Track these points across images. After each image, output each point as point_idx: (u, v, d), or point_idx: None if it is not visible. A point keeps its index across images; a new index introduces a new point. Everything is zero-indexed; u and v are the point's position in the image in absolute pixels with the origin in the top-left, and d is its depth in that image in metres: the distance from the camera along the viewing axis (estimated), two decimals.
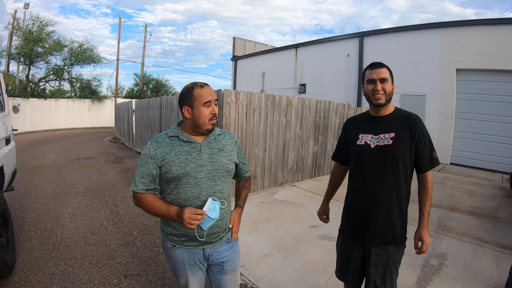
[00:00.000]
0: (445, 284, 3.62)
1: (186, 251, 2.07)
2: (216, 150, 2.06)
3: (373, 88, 2.20)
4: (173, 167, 1.93)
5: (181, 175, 1.93)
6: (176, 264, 2.11)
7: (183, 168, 1.93)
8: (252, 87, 19.86)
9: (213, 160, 2.02)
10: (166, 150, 1.96)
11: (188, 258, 2.08)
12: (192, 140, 2.01)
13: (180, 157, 1.95)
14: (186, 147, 1.99)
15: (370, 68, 2.25)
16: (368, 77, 2.23)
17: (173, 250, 2.08)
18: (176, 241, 2.07)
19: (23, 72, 25.63)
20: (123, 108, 16.65)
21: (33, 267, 3.79)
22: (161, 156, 1.95)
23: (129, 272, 3.80)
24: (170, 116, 9.32)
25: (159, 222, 5.40)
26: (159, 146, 1.98)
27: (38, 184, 7.64)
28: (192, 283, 2.15)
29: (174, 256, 2.09)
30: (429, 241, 2.22)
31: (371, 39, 14.25)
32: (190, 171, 1.94)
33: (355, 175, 2.35)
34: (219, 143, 2.10)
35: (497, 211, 6.35)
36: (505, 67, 10.40)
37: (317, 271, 3.86)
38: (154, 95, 31.70)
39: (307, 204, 6.43)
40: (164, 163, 1.95)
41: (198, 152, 1.99)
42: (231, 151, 2.14)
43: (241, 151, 2.28)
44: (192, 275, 2.13)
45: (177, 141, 2.01)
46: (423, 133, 2.19)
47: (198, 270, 2.14)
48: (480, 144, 11.19)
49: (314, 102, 8.62)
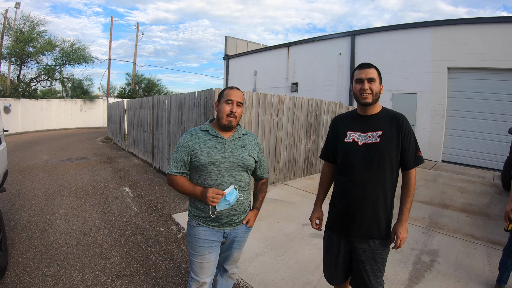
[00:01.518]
0: (437, 280, 3.64)
1: (208, 229, 2.39)
2: (239, 146, 2.39)
3: (360, 87, 2.26)
4: (201, 156, 2.29)
5: (208, 164, 2.28)
6: (197, 241, 2.40)
7: (210, 158, 2.28)
8: (244, 86, 19.84)
9: (235, 154, 2.35)
10: (197, 142, 2.34)
11: (209, 235, 2.39)
12: (219, 136, 2.37)
13: (208, 149, 2.31)
14: (213, 141, 2.35)
15: (359, 68, 2.32)
16: (357, 77, 2.30)
17: (197, 227, 2.40)
18: (201, 221, 2.39)
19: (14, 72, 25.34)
20: (115, 108, 16.55)
21: (25, 269, 3.76)
22: (192, 146, 2.33)
23: (122, 272, 3.78)
24: (162, 115, 9.28)
25: (151, 222, 5.42)
26: (192, 137, 2.37)
27: (30, 185, 7.56)
28: (206, 263, 2.43)
29: (197, 234, 2.40)
30: (405, 236, 2.26)
31: (363, 37, 14.31)
32: (215, 161, 2.28)
33: (342, 172, 2.37)
34: (243, 141, 2.44)
35: (488, 208, 6.41)
36: (496, 66, 10.51)
37: (309, 269, 3.87)
38: (146, 95, 31.55)
39: (299, 202, 6.44)
40: (194, 153, 2.32)
41: (223, 146, 2.33)
42: (252, 150, 2.46)
43: (261, 152, 2.60)
44: (209, 254, 2.42)
45: (207, 135, 2.38)
46: (409, 132, 2.25)
47: (214, 250, 2.44)
48: (472, 141, 11.29)
49: (306, 101, 8.63)
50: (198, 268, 2.44)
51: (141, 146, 11.65)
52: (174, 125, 8.40)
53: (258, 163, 2.56)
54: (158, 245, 4.54)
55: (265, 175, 2.68)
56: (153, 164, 10.27)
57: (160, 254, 4.27)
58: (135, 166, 10.50)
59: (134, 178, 8.69)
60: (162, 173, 9.27)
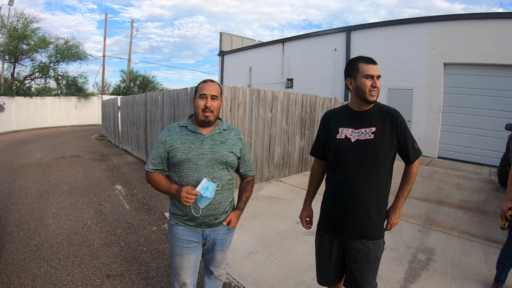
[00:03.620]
0: (433, 279, 3.59)
1: (186, 229, 2.34)
2: (218, 142, 2.31)
3: (371, 84, 2.14)
4: (178, 153, 2.23)
5: (184, 160, 2.22)
6: (176, 241, 2.37)
7: (186, 154, 2.22)
8: (239, 82, 19.79)
9: (214, 150, 2.27)
10: (174, 138, 2.28)
11: (187, 235, 2.34)
12: (198, 131, 2.29)
13: (185, 145, 2.25)
14: (191, 137, 2.28)
15: (367, 62, 2.19)
16: (367, 72, 2.16)
17: (176, 226, 2.37)
18: (179, 220, 2.34)
19: (8, 70, 25.10)
20: (109, 105, 16.45)
21: (15, 269, 3.71)
22: (169, 142, 2.28)
23: (112, 272, 3.72)
24: (155, 112, 9.20)
25: (143, 221, 5.36)
26: (169, 133, 2.32)
27: (23, 184, 7.50)
28: (186, 263, 2.38)
29: (176, 233, 2.36)
30: (396, 222, 2.28)
31: (359, 33, 14.25)
32: (192, 158, 2.22)
33: (334, 170, 2.29)
34: (223, 137, 2.35)
35: (485, 205, 6.38)
36: (492, 61, 10.47)
37: (303, 268, 3.81)
38: (141, 92, 31.43)
39: (294, 199, 6.39)
40: (171, 149, 2.27)
41: (201, 142, 2.26)
42: (234, 145, 2.37)
43: (246, 148, 2.50)
44: (187, 254, 2.36)
45: (185, 130, 2.31)
46: (404, 127, 2.19)
47: (194, 251, 2.38)
48: (468, 137, 11.26)
49: (300, 97, 8.56)
50: (178, 268, 2.41)
51: (135, 143, 11.58)
52: (167, 121, 8.32)
53: (241, 160, 2.47)
54: (150, 244, 4.49)
55: (250, 173, 2.60)
56: (146, 162, 10.12)
57: (151, 253, 4.22)
58: (129, 164, 10.44)
59: (127, 176, 8.63)
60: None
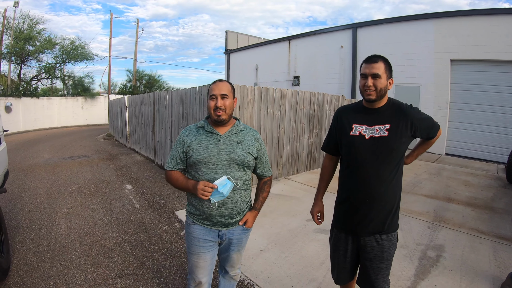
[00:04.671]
0: (443, 276, 3.61)
1: (203, 228, 2.38)
2: (235, 142, 2.34)
3: (364, 83, 2.16)
4: (195, 153, 2.29)
5: (201, 160, 2.28)
6: (192, 240, 2.41)
7: (203, 155, 2.27)
8: (245, 81, 19.82)
9: (230, 150, 2.30)
10: (192, 139, 2.35)
11: (204, 234, 2.38)
12: (214, 132, 2.34)
13: (202, 145, 2.31)
14: (208, 137, 2.33)
15: (366, 61, 2.20)
16: (362, 71, 2.18)
17: (192, 226, 2.42)
18: (196, 219, 2.40)
19: (15, 71, 25.28)
20: (116, 105, 16.52)
21: (28, 270, 3.75)
22: (187, 142, 2.35)
23: (125, 271, 3.77)
24: (163, 111, 9.25)
25: (153, 220, 5.40)
26: (187, 134, 2.40)
27: (32, 184, 7.57)
28: (202, 262, 2.42)
29: (192, 232, 2.41)
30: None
31: (365, 30, 14.21)
32: (208, 158, 2.27)
33: (348, 167, 2.30)
34: (240, 137, 2.38)
35: (493, 202, 6.36)
36: (499, 57, 10.42)
37: (314, 265, 3.84)
38: (147, 91, 31.57)
39: (303, 197, 6.42)
40: (189, 149, 2.33)
41: (217, 143, 2.31)
42: (250, 145, 2.39)
43: (263, 148, 2.53)
44: (204, 254, 2.40)
45: (202, 131, 2.38)
46: (420, 117, 2.24)
47: (210, 250, 2.43)
48: (475, 134, 11.21)
49: (308, 95, 8.58)
50: (194, 267, 2.45)
51: (143, 142, 11.64)
52: (175, 121, 8.37)
53: (258, 160, 2.50)
54: (161, 243, 4.53)
55: (267, 173, 2.61)
56: (155, 161, 10.25)
57: (163, 252, 4.26)
58: (137, 163, 10.50)
59: (137, 175, 8.69)
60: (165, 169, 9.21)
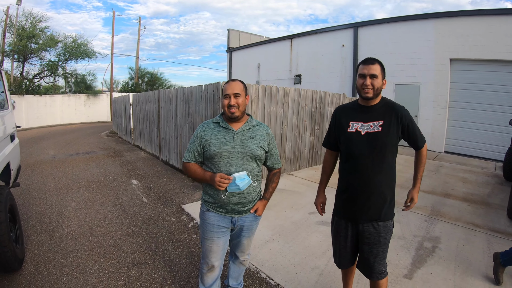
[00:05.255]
0: (438, 265, 3.79)
1: (217, 215, 2.58)
2: (248, 137, 2.54)
3: (363, 82, 2.40)
4: (211, 146, 2.48)
5: (217, 153, 2.46)
6: (207, 226, 2.61)
7: (219, 148, 2.46)
8: (247, 79, 19.87)
9: (244, 145, 2.50)
10: (208, 133, 2.54)
11: (218, 220, 2.58)
12: (229, 127, 2.53)
13: (218, 140, 2.49)
14: (223, 132, 2.52)
15: (363, 63, 2.45)
16: (360, 72, 2.44)
17: (207, 213, 2.61)
18: (211, 206, 2.59)
19: (17, 69, 25.37)
20: (120, 102, 16.62)
21: (42, 260, 3.88)
22: (204, 137, 2.54)
23: (137, 260, 3.93)
24: (168, 109, 9.40)
25: (162, 213, 5.56)
26: (204, 129, 2.58)
27: (40, 180, 7.70)
28: (215, 247, 2.61)
29: (207, 219, 2.61)
30: (417, 201, 2.58)
31: (366, 29, 14.33)
32: (224, 151, 2.46)
33: (347, 160, 2.53)
34: (252, 132, 2.58)
35: (489, 197, 6.52)
36: (498, 57, 10.54)
37: (317, 254, 4.04)
38: (149, 88, 31.66)
39: (305, 192, 6.60)
40: (205, 143, 2.52)
41: (232, 137, 2.50)
42: (262, 140, 2.59)
43: (273, 142, 2.72)
44: (217, 239, 2.60)
45: (218, 127, 2.57)
46: (410, 119, 2.44)
47: (223, 236, 2.63)
48: (474, 132, 11.34)
49: (310, 93, 8.75)
50: (207, 251, 2.63)
51: (148, 139, 11.77)
52: (181, 118, 8.52)
53: (269, 153, 2.68)
54: (170, 234, 4.69)
55: (277, 165, 2.79)
56: (160, 157, 10.40)
57: (172, 242, 4.42)
58: (142, 159, 10.64)
59: (142, 171, 8.84)
60: (170, 165, 9.42)
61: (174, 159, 9.01)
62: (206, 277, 2.70)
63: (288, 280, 3.50)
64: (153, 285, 3.43)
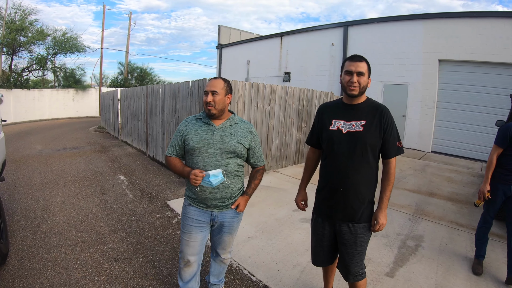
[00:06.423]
0: (420, 263, 3.84)
1: (197, 209, 2.64)
2: (228, 133, 2.57)
3: (349, 79, 2.37)
4: (191, 141, 2.54)
5: (196, 148, 2.52)
6: (187, 220, 2.67)
7: (198, 143, 2.52)
8: (237, 76, 19.92)
9: (223, 141, 2.54)
10: (189, 128, 2.60)
11: (198, 215, 2.63)
12: (210, 123, 2.58)
13: (198, 135, 2.54)
14: (204, 128, 2.57)
15: (350, 60, 2.41)
16: (347, 68, 2.39)
17: (188, 207, 2.67)
18: (192, 201, 2.65)
19: (6, 63, 24.90)
20: (108, 97, 16.50)
21: (26, 255, 3.86)
22: (185, 131, 2.60)
23: (120, 256, 3.92)
24: (156, 104, 9.36)
25: (146, 208, 5.56)
26: (186, 124, 2.65)
27: (26, 175, 7.63)
28: (192, 241, 2.65)
29: (188, 213, 2.67)
30: (384, 222, 2.42)
31: (356, 28, 14.40)
32: (203, 146, 2.51)
33: (327, 158, 2.52)
34: (233, 129, 2.62)
35: (474, 197, 6.55)
36: (487, 59, 10.66)
37: (299, 251, 4.06)
38: (138, 84, 31.45)
39: (290, 189, 6.60)
40: (186, 138, 2.58)
41: (212, 133, 2.54)
42: (243, 137, 2.62)
43: (256, 140, 2.76)
44: (195, 233, 2.65)
45: (200, 122, 2.62)
46: (391, 124, 2.39)
47: (201, 230, 2.66)
48: (461, 133, 11.47)
49: (298, 91, 8.78)
50: (184, 246, 2.67)
51: (135, 135, 11.72)
52: (168, 114, 8.50)
53: (251, 151, 2.71)
54: (154, 230, 4.69)
55: (260, 163, 2.82)
56: (147, 153, 10.36)
57: (156, 238, 4.42)
58: (129, 155, 10.59)
59: (129, 167, 8.81)
60: (156, 161, 9.38)
61: (161, 155, 8.97)
62: (184, 272, 2.72)
63: (270, 277, 3.51)
64: (135, 280, 3.42)
